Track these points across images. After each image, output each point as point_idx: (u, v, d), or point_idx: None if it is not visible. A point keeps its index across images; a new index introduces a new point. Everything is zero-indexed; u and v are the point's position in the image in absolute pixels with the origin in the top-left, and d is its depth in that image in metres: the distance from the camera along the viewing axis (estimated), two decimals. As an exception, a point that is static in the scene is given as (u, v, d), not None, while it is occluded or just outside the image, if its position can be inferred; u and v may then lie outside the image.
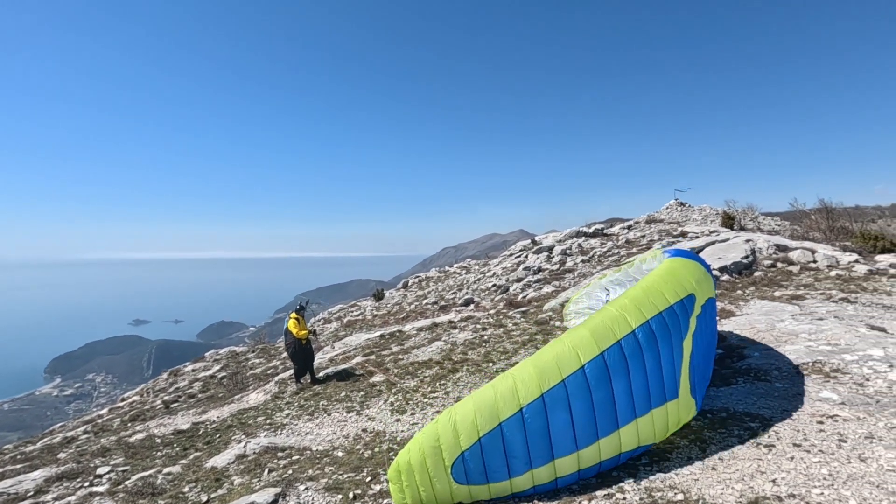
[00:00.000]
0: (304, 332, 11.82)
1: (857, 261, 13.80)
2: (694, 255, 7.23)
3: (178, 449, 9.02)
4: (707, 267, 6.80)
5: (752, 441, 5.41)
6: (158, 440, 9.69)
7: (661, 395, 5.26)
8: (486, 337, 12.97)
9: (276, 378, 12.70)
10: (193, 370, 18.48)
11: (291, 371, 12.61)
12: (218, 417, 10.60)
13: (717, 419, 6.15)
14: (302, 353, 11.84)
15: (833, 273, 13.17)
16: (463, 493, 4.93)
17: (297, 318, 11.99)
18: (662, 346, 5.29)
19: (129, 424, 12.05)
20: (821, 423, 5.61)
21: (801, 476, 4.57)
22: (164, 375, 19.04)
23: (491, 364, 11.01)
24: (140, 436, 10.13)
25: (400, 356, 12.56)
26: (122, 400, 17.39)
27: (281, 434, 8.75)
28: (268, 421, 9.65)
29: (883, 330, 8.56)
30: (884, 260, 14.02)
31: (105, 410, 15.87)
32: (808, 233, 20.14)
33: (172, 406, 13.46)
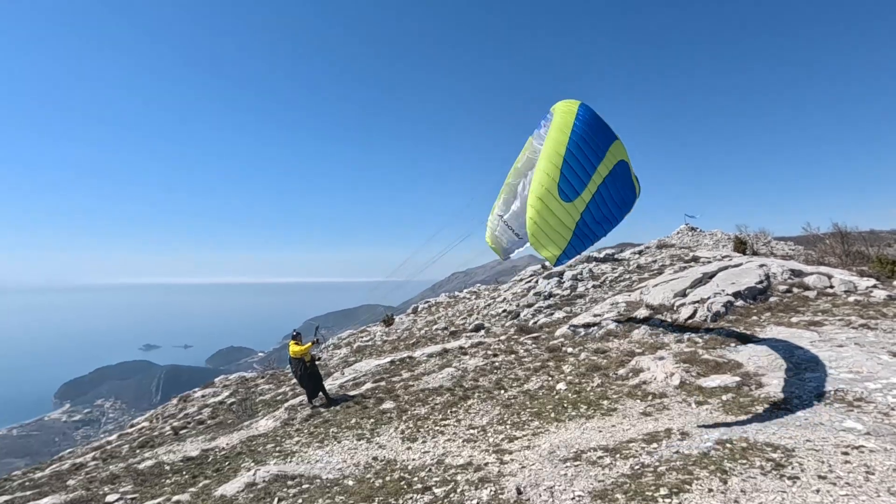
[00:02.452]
0: (302, 347, 11.92)
1: (875, 286, 13.55)
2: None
3: (187, 476, 8.93)
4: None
5: (774, 472, 5.26)
6: (167, 467, 9.61)
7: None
8: (497, 363, 12.83)
9: (286, 404, 12.60)
10: (203, 396, 18.41)
11: (301, 398, 12.54)
12: (227, 444, 10.50)
13: (737, 449, 5.99)
14: (308, 375, 11.91)
15: (851, 299, 12.93)
16: (570, 209, 7.30)
17: (295, 343, 12.06)
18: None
19: (138, 451, 11.97)
20: (846, 453, 5.44)
21: (829, 510, 4.41)
22: (174, 401, 18.97)
23: (503, 391, 10.86)
24: (149, 463, 10.05)
25: (410, 383, 12.44)
26: (132, 426, 17.31)
27: (291, 462, 8.65)
28: (277, 448, 9.56)
29: (906, 357, 8.35)
30: (903, 285, 13.75)
31: (114, 437, 15.80)
32: (823, 258, 19.85)
33: (182, 432, 13.37)
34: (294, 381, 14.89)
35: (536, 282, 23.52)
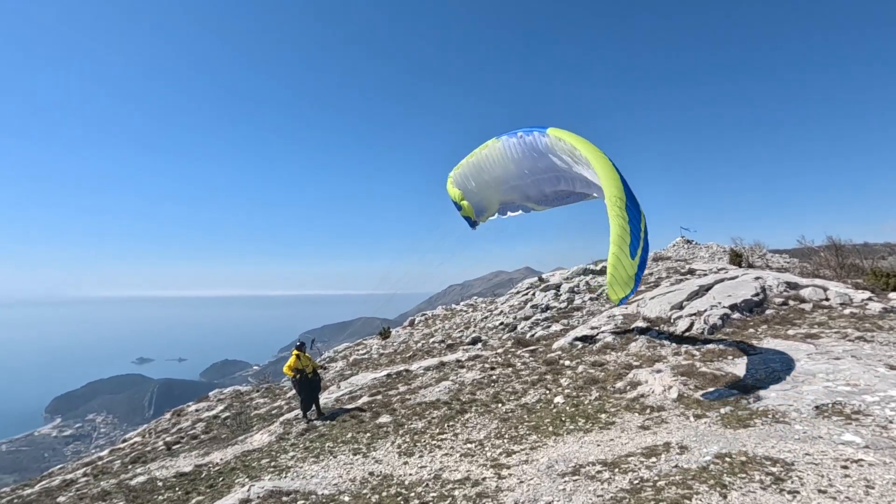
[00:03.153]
0: (295, 363, 11.79)
1: (870, 298, 13.61)
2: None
3: (179, 493, 8.79)
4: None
5: (774, 486, 5.22)
6: (160, 483, 9.46)
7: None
8: (494, 376, 12.76)
9: (281, 419, 12.46)
10: (197, 410, 18.20)
11: (297, 412, 12.41)
12: (221, 459, 10.36)
13: (736, 463, 5.95)
14: (308, 384, 11.80)
15: (847, 311, 12.98)
16: (634, 263, 9.19)
17: (297, 355, 11.98)
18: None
19: (130, 467, 11.78)
20: (845, 467, 5.42)
21: (829, 525, 4.38)
22: (168, 416, 18.74)
23: (500, 405, 10.79)
24: (141, 479, 9.88)
25: (407, 396, 12.35)
26: (124, 441, 17.06)
27: (286, 477, 8.52)
28: (272, 463, 9.43)
29: (902, 370, 8.36)
30: (898, 298, 13.82)
31: (105, 452, 15.55)
32: (818, 270, 19.95)
33: (175, 448, 13.18)
34: (290, 394, 14.78)
35: (533, 294, 23.50)
